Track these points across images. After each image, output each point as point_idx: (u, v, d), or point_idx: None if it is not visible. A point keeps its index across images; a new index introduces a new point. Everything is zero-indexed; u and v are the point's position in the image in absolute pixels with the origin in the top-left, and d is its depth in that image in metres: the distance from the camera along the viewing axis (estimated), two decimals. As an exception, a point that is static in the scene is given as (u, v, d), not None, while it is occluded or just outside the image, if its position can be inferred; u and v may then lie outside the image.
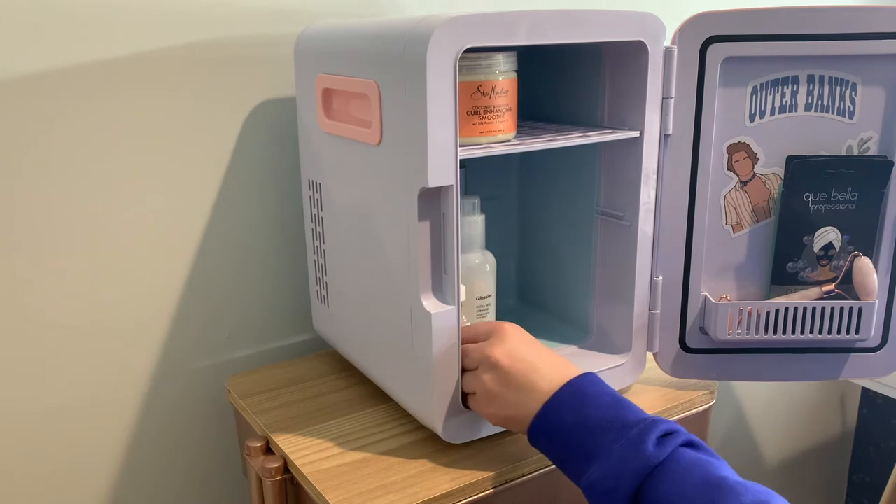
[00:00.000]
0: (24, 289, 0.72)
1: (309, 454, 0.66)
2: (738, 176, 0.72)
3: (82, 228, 0.74)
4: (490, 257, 0.75)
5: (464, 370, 0.64)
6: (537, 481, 0.66)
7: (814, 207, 0.71)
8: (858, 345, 0.75)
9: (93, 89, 0.71)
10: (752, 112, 0.70)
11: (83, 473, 0.80)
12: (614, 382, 0.73)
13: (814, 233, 0.72)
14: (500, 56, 0.62)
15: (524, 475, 0.65)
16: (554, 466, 0.66)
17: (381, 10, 0.84)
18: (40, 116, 0.69)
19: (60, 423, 0.77)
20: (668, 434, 0.53)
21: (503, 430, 0.67)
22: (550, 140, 0.65)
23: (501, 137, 0.64)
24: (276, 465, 0.66)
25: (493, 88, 0.62)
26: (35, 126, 0.69)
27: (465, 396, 0.64)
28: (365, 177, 0.66)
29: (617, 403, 0.56)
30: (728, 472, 0.51)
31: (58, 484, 0.79)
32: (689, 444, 0.54)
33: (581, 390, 0.57)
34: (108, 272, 0.76)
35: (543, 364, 0.60)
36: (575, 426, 0.56)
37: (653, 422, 0.54)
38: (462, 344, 0.63)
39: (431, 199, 0.60)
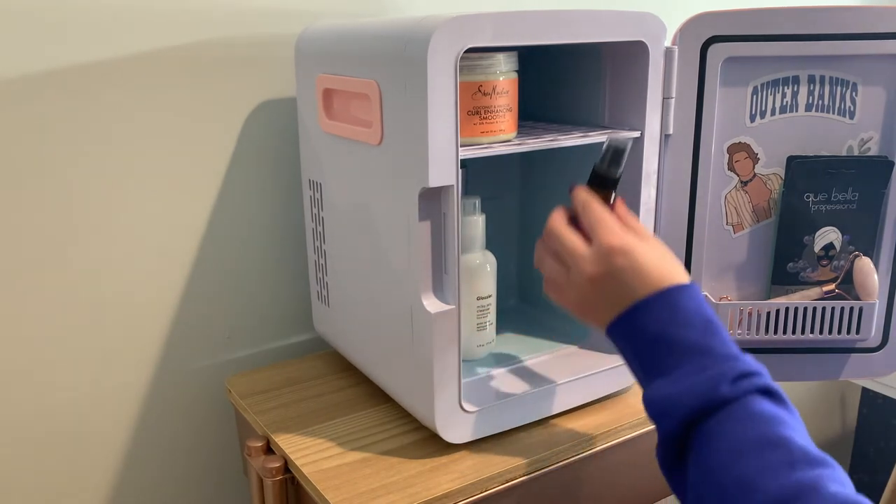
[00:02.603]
0: (24, 288, 0.72)
1: (309, 454, 0.66)
2: (738, 176, 0.72)
3: (82, 228, 0.74)
4: (490, 257, 0.75)
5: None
6: (538, 481, 0.66)
7: (814, 207, 0.71)
8: (859, 345, 0.75)
9: (93, 89, 0.71)
10: (753, 112, 0.70)
11: (83, 473, 0.80)
12: (614, 383, 0.73)
13: (814, 233, 0.72)
14: (500, 56, 0.62)
15: (524, 475, 0.65)
16: (554, 466, 0.66)
17: (381, 10, 0.84)
18: (40, 116, 0.69)
19: (60, 423, 0.77)
20: (747, 375, 0.50)
21: (503, 430, 0.67)
22: (551, 140, 0.65)
23: (502, 137, 0.64)
24: (277, 465, 0.66)
25: (493, 88, 0.62)
26: (35, 126, 0.69)
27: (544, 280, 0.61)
28: (365, 177, 0.66)
29: (707, 328, 0.52)
30: (794, 432, 0.48)
31: (58, 484, 0.79)
32: (766, 392, 0.50)
33: (675, 303, 0.53)
34: (108, 272, 0.76)
35: (640, 285, 0.54)
36: (657, 339, 0.52)
37: (735, 359, 0.50)
38: (582, 209, 0.58)
39: (432, 200, 0.60)
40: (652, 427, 0.72)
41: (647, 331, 0.53)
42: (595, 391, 0.72)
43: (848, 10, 0.66)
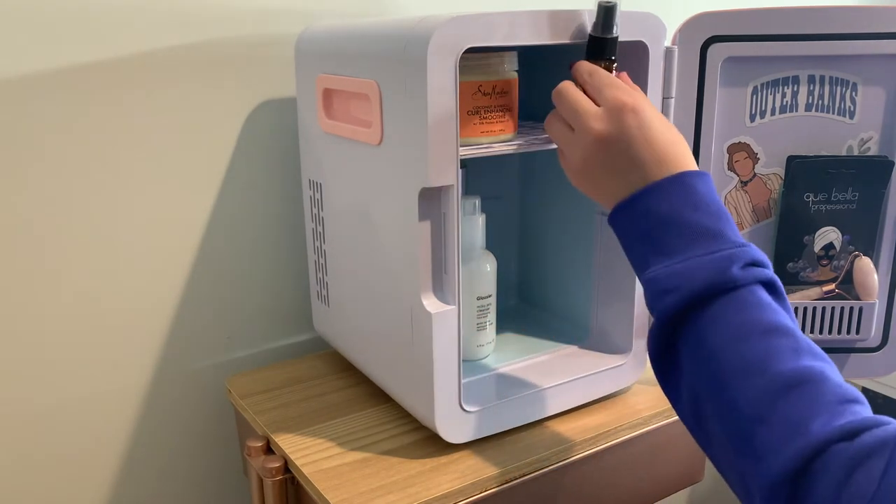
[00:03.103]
0: (24, 288, 0.72)
1: (309, 454, 0.66)
2: (738, 176, 0.72)
3: (82, 228, 0.74)
4: (490, 257, 0.75)
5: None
6: (538, 481, 0.66)
7: (814, 207, 0.71)
8: (859, 345, 0.75)
9: (93, 89, 0.71)
10: (753, 112, 0.70)
11: (83, 473, 0.80)
12: (614, 383, 0.73)
13: (814, 233, 0.72)
14: (500, 56, 0.62)
15: (524, 475, 0.65)
16: (554, 466, 0.66)
17: (381, 10, 0.84)
18: (40, 116, 0.69)
19: (60, 423, 0.77)
20: (753, 265, 0.49)
21: (503, 430, 0.67)
22: (551, 140, 0.65)
23: (502, 137, 0.64)
24: (277, 465, 0.66)
25: (493, 88, 0.62)
26: (35, 126, 0.69)
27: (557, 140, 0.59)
28: (365, 177, 0.66)
29: (720, 215, 0.51)
30: (791, 325, 0.48)
31: (57, 483, 0.79)
32: (772, 285, 0.49)
33: (690, 186, 0.51)
34: (108, 272, 0.76)
35: (649, 159, 0.53)
36: (669, 220, 0.51)
37: (746, 246, 0.49)
38: (584, 80, 0.58)
39: (432, 199, 0.60)
40: (651, 427, 0.72)
41: (659, 212, 0.51)
42: (595, 391, 0.72)
43: (848, 10, 0.66)
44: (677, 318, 0.49)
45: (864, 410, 0.45)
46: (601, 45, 0.60)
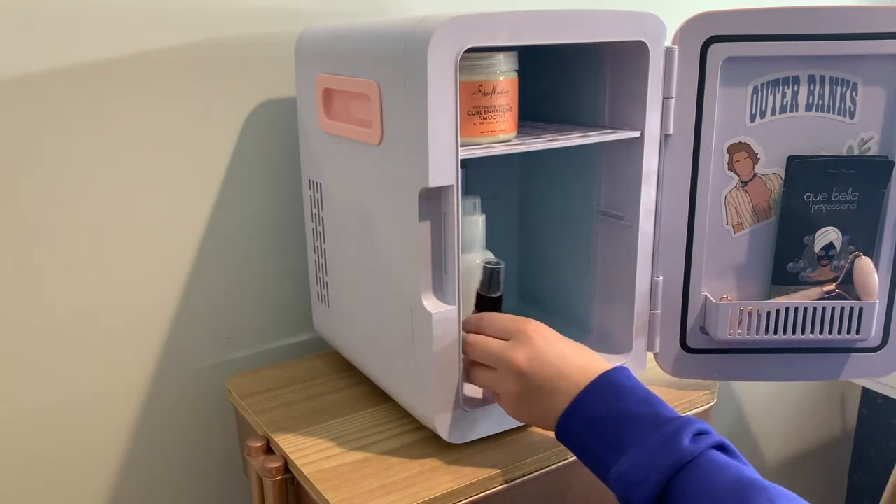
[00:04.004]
0: (24, 288, 0.72)
1: (309, 454, 0.66)
2: (738, 176, 0.72)
3: (81, 228, 0.74)
4: (490, 257, 0.75)
5: (480, 364, 0.63)
6: (538, 481, 0.66)
7: (814, 207, 0.71)
8: (859, 345, 0.75)
9: (93, 89, 0.71)
10: (753, 112, 0.70)
11: (83, 473, 0.80)
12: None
13: (814, 233, 0.72)
14: (500, 56, 0.62)
15: (525, 475, 0.65)
16: (554, 466, 0.66)
17: (381, 10, 0.84)
18: (40, 116, 0.69)
19: (60, 423, 0.77)
20: (701, 433, 0.53)
21: (503, 430, 0.67)
22: (551, 140, 0.65)
23: (502, 137, 0.64)
24: (277, 465, 0.66)
25: (493, 88, 0.62)
26: (35, 126, 0.69)
27: (476, 380, 0.65)
28: (365, 177, 0.66)
29: (650, 399, 0.56)
30: (758, 476, 0.51)
31: (57, 483, 0.79)
32: (721, 447, 0.53)
33: (615, 383, 0.57)
34: (107, 272, 0.76)
35: (569, 367, 0.59)
36: (607, 418, 0.55)
37: (688, 420, 0.54)
38: (479, 333, 0.63)
39: (432, 199, 0.60)
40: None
41: (598, 415, 0.56)
42: (595, 391, 0.72)
43: (848, 10, 0.66)
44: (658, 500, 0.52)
45: None
46: (488, 302, 0.70)
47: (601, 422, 0.56)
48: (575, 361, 0.59)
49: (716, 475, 0.50)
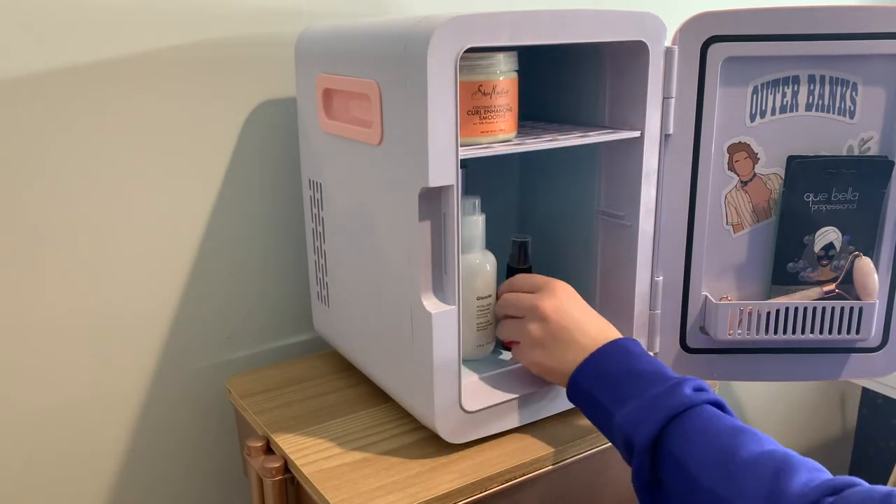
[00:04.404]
0: (23, 288, 0.72)
1: (309, 454, 0.66)
2: (738, 176, 0.72)
3: (82, 228, 0.74)
4: (490, 257, 0.75)
5: (508, 317, 0.69)
6: (537, 481, 0.66)
7: (814, 207, 0.71)
8: (859, 345, 0.75)
9: (93, 89, 0.71)
10: (753, 112, 0.70)
11: (83, 473, 0.80)
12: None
13: (814, 233, 0.72)
14: (500, 56, 0.62)
15: (524, 475, 0.65)
16: (554, 466, 0.66)
17: (381, 10, 0.84)
18: (40, 116, 0.69)
19: (60, 423, 0.77)
20: (701, 389, 0.58)
21: (503, 430, 0.67)
22: (551, 140, 0.65)
23: (502, 137, 0.64)
24: (277, 465, 0.66)
25: (493, 88, 0.62)
26: (35, 126, 0.69)
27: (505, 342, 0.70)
28: (365, 177, 0.66)
29: (657, 363, 0.61)
30: (750, 427, 0.56)
31: (57, 483, 0.79)
32: (718, 404, 0.58)
33: (627, 348, 0.63)
34: (108, 272, 0.76)
35: (590, 323, 0.65)
36: (620, 373, 0.60)
37: (689, 378, 0.59)
38: (509, 291, 0.69)
39: (432, 199, 0.60)
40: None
41: (609, 371, 0.61)
42: (595, 391, 0.72)
43: (848, 10, 0.66)
44: (652, 446, 0.56)
45: (834, 478, 0.52)
46: (519, 274, 0.74)
47: (613, 376, 0.61)
48: (594, 322, 0.65)
49: (711, 421, 0.55)
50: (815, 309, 0.72)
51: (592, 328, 0.64)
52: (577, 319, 0.64)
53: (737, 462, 0.52)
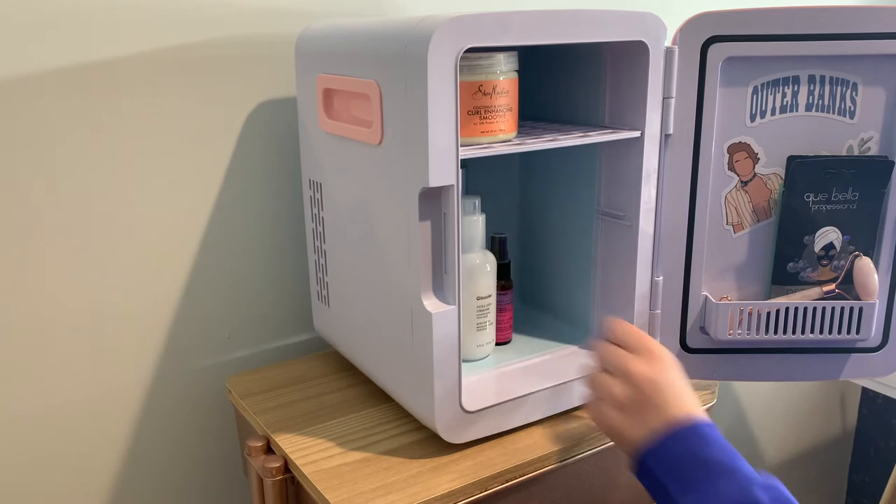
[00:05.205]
0: (24, 289, 0.72)
1: (309, 454, 0.66)
2: (738, 176, 0.72)
3: (81, 228, 0.74)
4: (490, 257, 0.75)
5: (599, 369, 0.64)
6: (538, 481, 0.66)
7: (814, 207, 0.71)
8: (859, 345, 0.75)
9: (93, 89, 0.71)
10: (753, 112, 0.70)
11: (83, 473, 0.80)
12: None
13: (814, 233, 0.72)
14: (500, 56, 0.62)
15: (524, 475, 0.65)
16: (554, 466, 0.66)
17: (381, 10, 0.84)
18: (40, 116, 0.69)
19: (60, 423, 0.77)
20: (772, 487, 0.54)
21: (503, 430, 0.67)
22: (551, 140, 0.65)
23: (502, 137, 0.64)
24: (277, 465, 0.66)
25: (493, 88, 0.62)
26: (34, 126, 0.69)
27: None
28: (366, 177, 0.66)
29: (735, 454, 0.57)
30: None
31: (58, 483, 0.79)
32: None
33: (705, 433, 0.58)
34: (108, 272, 0.76)
35: (678, 400, 0.59)
36: (693, 459, 0.56)
37: (764, 477, 0.55)
38: (610, 341, 0.64)
39: (432, 199, 0.60)
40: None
41: (679, 457, 0.57)
42: (595, 391, 0.72)
43: (848, 10, 0.66)
44: None
45: None
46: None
47: (683, 461, 0.56)
48: (685, 398, 0.60)
49: None
50: (815, 309, 0.72)
51: (677, 408, 0.59)
52: (666, 394, 0.59)
53: None
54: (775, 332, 0.72)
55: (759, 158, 0.72)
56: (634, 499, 0.75)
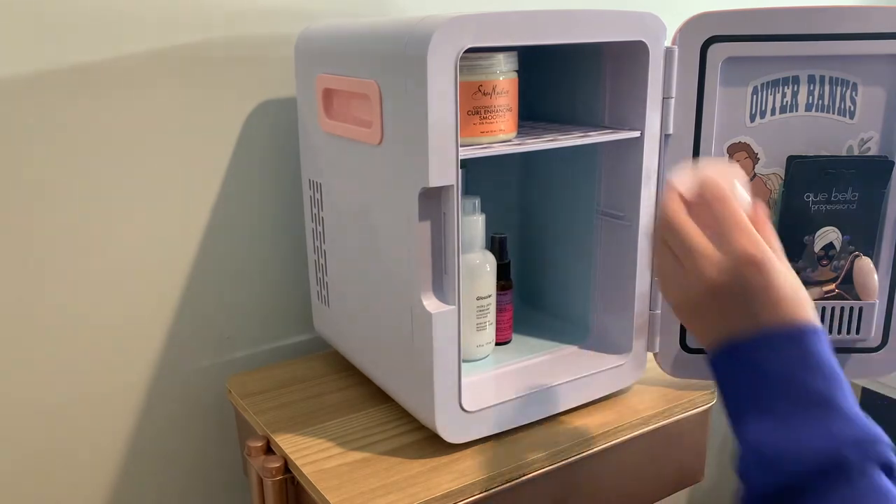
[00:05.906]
0: (24, 289, 0.72)
1: (309, 454, 0.66)
2: (738, 176, 0.72)
3: (82, 229, 0.74)
4: (490, 257, 0.75)
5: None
6: (538, 481, 0.66)
7: (814, 207, 0.71)
8: (859, 345, 0.75)
9: (93, 89, 0.71)
10: (753, 112, 0.70)
11: (83, 473, 0.80)
12: (614, 383, 0.73)
13: (814, 233, 0.72)
14: (500, 56, 0.62)
15: (524, 475, 0.65)
16: (554, 466, 0.66)
17: (381, 10, 0.84)
18: (40, 116, 0.69)
19: (61, 423, 0.77)
20: (872, 441, 0.43)
21: (503, 430, 0.67)
22: (551, 140, 0.65)
23: (502, 137, 0.64)
24: (277, 465, 0.66)
25: (493, 88, 0.62)
26: (34, 126, 0.69)
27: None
28: (365, 177, 0.66)
29: (834, 379, 0.45)
30: None
31: (58, 483, 0.79)
32: (890, 467, 0.43)
33: (806, 345, 0.46)
34: (108, 272, 0.76)
35: (782, 292, 0.48)
36: (778, 379, 0.46)
37: (860, 420, 0.44)
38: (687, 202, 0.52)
39: (432, 199, 0.60)
40: (651, 427, 0.72)
41: (767, 367, 0.46)
42: (595, 391, 0.72)
43: (848, 10, 0.66)
44: (776, 499, 0.43)
45: None
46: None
47: (768, 376, 0.46)
48: (774, 297, 0.48)
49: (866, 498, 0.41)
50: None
51: (782, 297, 0.47)
52: (775, 278, 0.48)
53: None
54: (775, 332, 0.72)
55: (758, 158, 0.71)
56: (635, 499, 0.75)
